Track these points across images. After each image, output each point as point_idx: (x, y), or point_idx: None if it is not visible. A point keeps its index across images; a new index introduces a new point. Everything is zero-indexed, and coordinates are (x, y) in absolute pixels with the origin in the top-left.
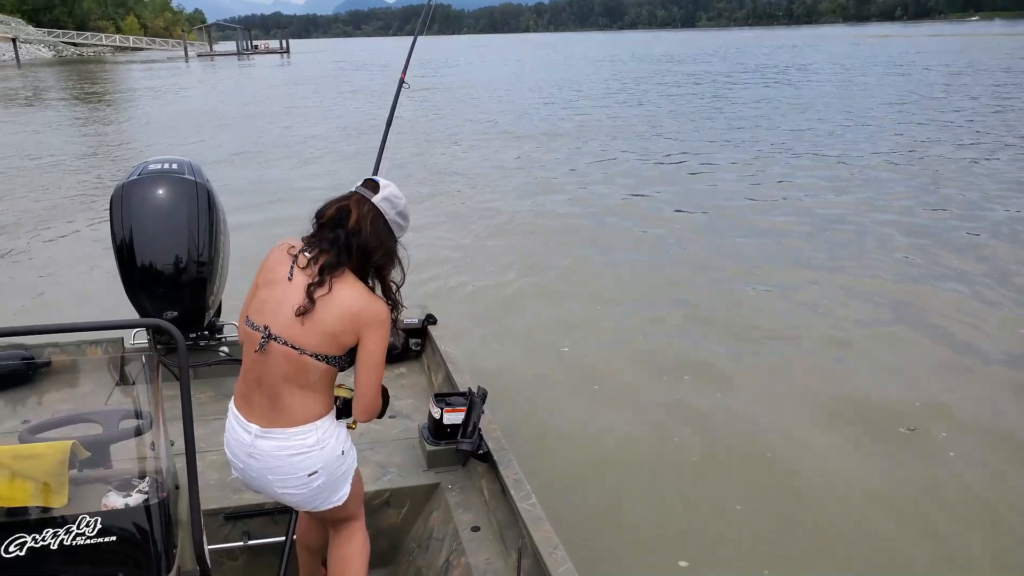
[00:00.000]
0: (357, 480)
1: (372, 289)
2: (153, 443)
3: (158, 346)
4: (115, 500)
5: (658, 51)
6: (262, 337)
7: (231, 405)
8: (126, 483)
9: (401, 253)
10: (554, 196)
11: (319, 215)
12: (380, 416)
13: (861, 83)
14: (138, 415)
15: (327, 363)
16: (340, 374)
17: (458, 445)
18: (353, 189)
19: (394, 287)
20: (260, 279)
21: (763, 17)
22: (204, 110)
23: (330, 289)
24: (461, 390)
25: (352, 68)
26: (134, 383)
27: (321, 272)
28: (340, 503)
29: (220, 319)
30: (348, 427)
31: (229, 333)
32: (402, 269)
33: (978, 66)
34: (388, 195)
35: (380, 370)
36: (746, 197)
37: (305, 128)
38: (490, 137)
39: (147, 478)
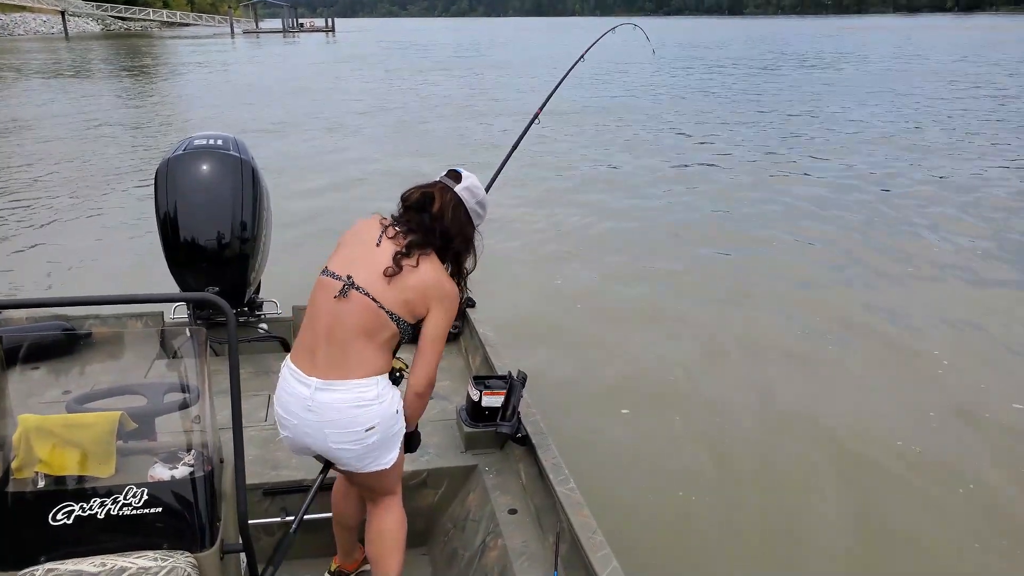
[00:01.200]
0: (402, 449)
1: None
2: (198, 416)
3: (198, 320)
4: (161, 472)
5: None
6: (344, 285)
7: (287, 362)
8: (172, 455)
9: (477, 241)
10: (603, 183)
11: (404, 198)
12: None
13: None
14: (183, 388)
15: (397, 325)
16: None
17: (497, 428)
18: (437, 178)
19: (465, 272)
20: (345, 240)
21: (811, 5)
22: (249, 86)
23: (417, 264)
24: (499, 373)
25: (395, 48)
26: (178, 357)
27: (409, 247)
28: (388, 466)
29: (259, 296)
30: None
31: (268, 311)
32: (475, 256)
33: None
34: (469, 185)
35: (442, 345)
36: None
37: (346, 105)
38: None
39: (192, 451)
